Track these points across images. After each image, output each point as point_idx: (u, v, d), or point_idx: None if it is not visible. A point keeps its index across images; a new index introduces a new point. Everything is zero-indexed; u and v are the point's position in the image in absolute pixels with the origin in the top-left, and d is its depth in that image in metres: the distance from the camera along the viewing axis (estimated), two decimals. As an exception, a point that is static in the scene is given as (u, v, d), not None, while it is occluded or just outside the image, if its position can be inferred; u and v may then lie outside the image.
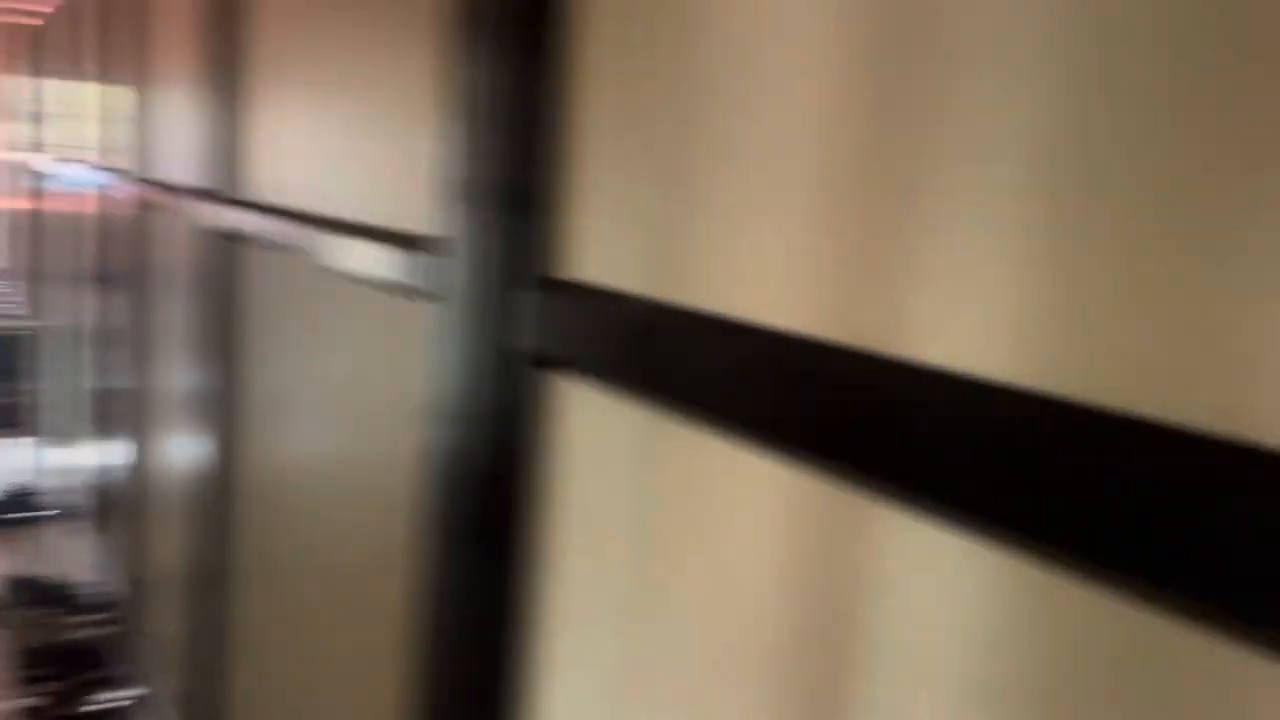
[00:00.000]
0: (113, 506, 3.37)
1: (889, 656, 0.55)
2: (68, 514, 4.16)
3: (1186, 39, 0.42)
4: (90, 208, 4.10)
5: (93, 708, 2.77)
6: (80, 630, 3.07)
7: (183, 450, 2.39)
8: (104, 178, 3.58)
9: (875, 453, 0.52)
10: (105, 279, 3.66)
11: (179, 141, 2.41)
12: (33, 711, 2.77)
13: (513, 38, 0.84)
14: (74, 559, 3.75)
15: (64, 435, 4.66)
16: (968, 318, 0.50)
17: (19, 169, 6.20)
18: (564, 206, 0.82)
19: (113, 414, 3.41)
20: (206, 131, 2.03)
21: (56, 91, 5.56)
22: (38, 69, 5.76)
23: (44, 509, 4.50)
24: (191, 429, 2.25)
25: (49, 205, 5.27)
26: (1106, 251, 0.45)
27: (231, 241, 1.88)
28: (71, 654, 2.92)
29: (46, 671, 2.89)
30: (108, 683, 2.81)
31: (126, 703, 2.59)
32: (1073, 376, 0.46)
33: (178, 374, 2.44)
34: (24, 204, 6.11)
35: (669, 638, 0.72)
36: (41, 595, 3.43)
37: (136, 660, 2.62)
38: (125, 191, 3.06)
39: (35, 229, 5.85)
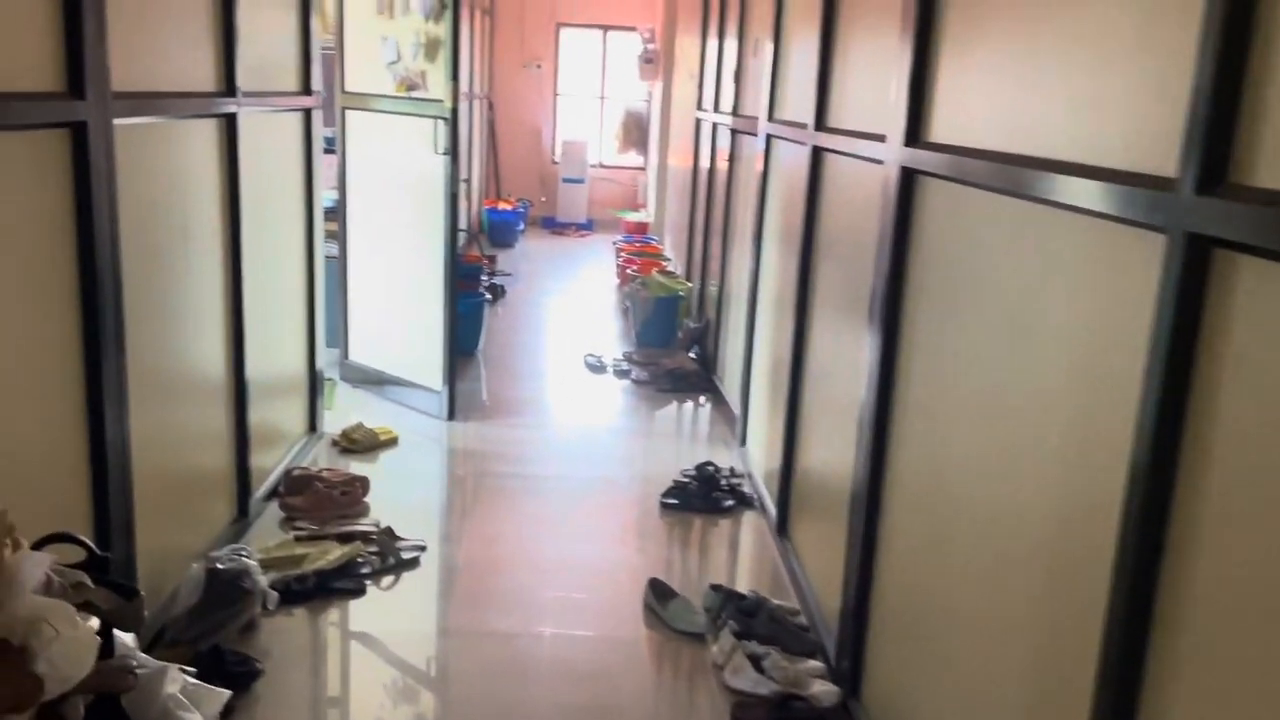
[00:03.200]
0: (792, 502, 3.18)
1: None
2: (742, 499, 3.68)
3: None
4: (746, 161, 4.10)
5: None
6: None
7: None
8: (769, 129, 3.74)
9: None
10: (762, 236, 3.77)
11: (858, 88, 2.59)
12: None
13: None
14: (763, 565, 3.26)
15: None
16: None
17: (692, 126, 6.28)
18: None
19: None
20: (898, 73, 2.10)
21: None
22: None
23: (728, 491, 3.71)
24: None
25: (713, 161, 5.39)
26: None
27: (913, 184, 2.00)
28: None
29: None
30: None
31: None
32: None
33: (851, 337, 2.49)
34: (690, 160, 6.22)
35: None
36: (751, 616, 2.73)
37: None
38: (795, 143, 3.05)
39: (698, 184, 5.99)
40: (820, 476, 2.88)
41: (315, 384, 4.07)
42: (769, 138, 3.83)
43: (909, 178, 2.09)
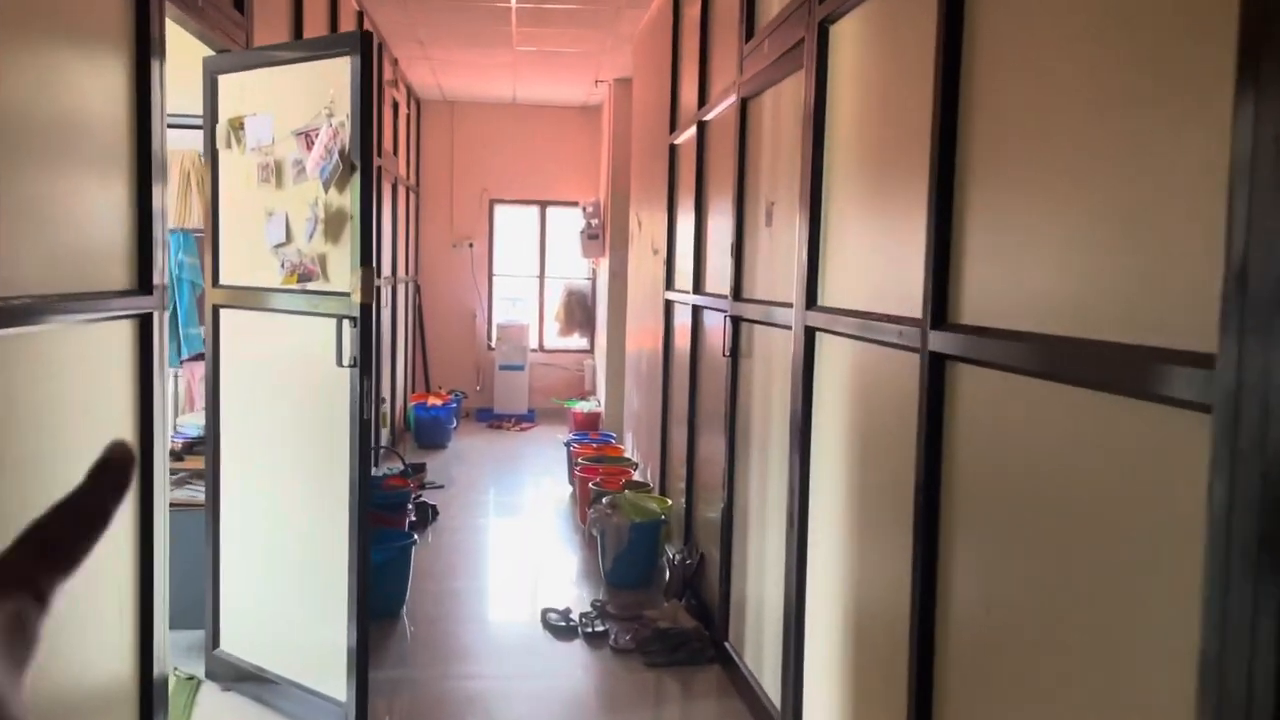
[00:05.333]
0: None
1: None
2: None
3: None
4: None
5: None
6: None
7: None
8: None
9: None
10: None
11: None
12: None
13: None
14: None
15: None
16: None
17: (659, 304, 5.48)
18: None
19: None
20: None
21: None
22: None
23: None
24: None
25: (697, 350, 4.56)
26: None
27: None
28: None
29: None
30: None
31: None
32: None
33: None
34: (657, 345, 5.41)
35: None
36: None
37: None
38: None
39: (672, 376, 5.15)
40: None
41: (151, 697, 2.71)
42: (812, 330, 2.76)
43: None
